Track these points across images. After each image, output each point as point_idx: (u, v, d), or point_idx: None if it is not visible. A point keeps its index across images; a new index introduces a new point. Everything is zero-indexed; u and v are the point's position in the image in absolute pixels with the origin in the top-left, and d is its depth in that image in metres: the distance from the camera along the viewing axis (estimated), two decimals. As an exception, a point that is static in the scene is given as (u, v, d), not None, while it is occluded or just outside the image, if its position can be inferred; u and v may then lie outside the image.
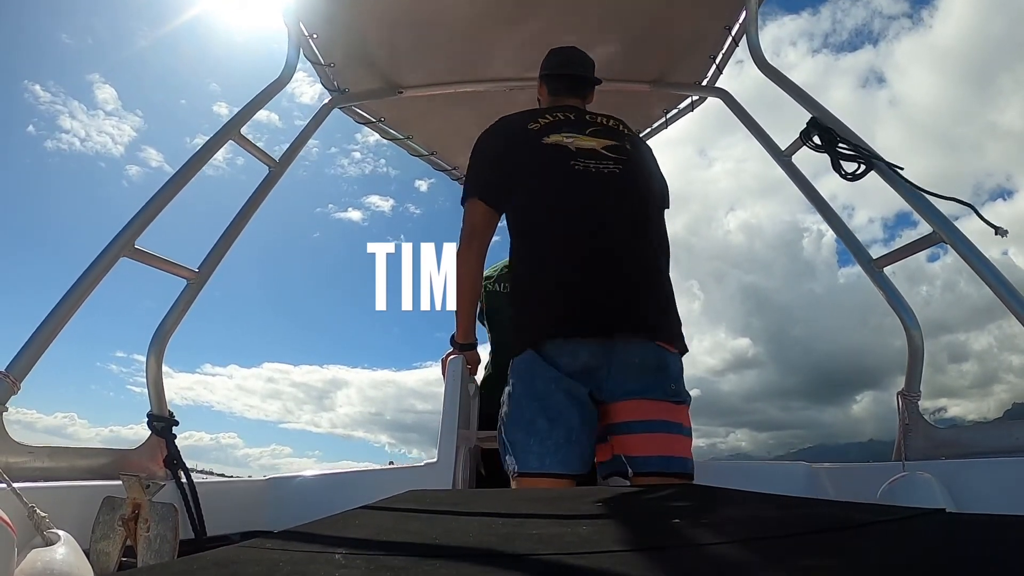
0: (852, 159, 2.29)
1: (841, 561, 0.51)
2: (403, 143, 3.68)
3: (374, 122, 3.42)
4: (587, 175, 1.94)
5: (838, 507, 1.02)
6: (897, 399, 2.28)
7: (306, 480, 2.68)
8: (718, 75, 3.05)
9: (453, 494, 1.15)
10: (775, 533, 0.62)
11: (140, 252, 2.13)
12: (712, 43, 2.91)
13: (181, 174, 2.31)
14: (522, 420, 1.78)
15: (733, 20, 2.76)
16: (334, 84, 3.08)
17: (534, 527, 0.71)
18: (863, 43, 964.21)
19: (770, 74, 2.63)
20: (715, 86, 3.09)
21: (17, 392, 1.84)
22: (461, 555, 0.53)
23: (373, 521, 0.76)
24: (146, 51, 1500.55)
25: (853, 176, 2.30)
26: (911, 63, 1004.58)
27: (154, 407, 2.27)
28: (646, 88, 3.16)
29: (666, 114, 3.50)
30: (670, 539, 0.61)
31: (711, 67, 3.03)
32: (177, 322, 2.32)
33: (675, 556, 0.54)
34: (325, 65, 2.95)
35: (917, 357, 2.23)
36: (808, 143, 2.43)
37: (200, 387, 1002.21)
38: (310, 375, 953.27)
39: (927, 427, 2.20)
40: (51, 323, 1.93)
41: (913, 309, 2.24)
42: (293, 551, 0.57)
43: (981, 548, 0.53)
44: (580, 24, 2.79)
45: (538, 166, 1.99)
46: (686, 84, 3.18)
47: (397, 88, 3.14)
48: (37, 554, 1.47)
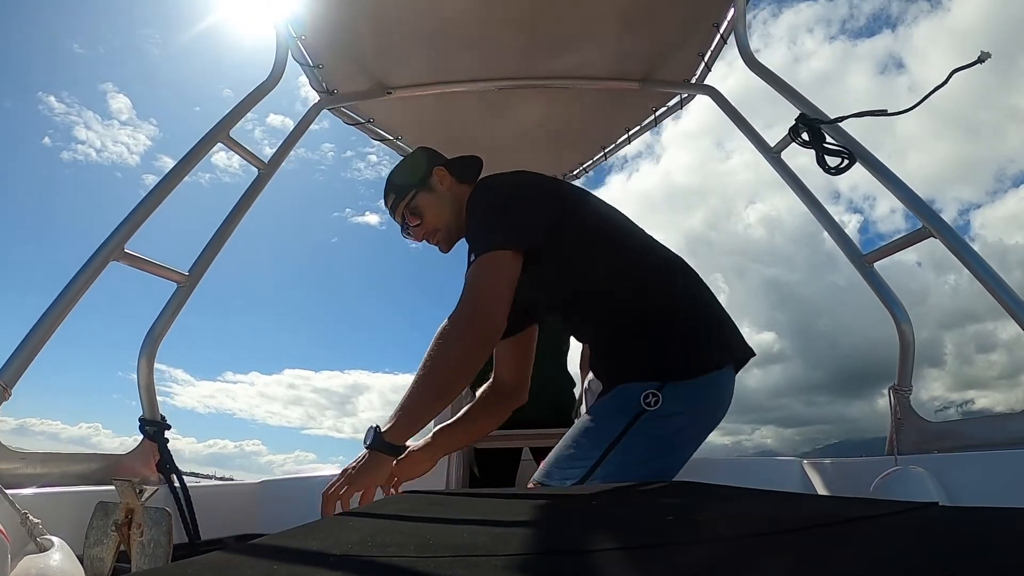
0: (838, 155, 2.31)
1: (834, 556, 0.51)
2: (392, 144, 3.67)
3: (363, 123, 3.42)
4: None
5: (831, 502, 1.03)
6: (889, 394, 2.30)
7: (299, 482, 2.68)
8: (707, 73, 3.06)
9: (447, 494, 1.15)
10: (767, 529, 0.63)
11: (130, 256, 2.13)
12: (700, 41, 2.91)
13: (170, 177, 2.31)
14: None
15: (721, 17, 2.77)
16: (323, 85, 3.07)
17: (529, 526, 0.72)
18: (881, 28, 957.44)
19: (758, 71, 2.64)
20: (704, 83, 3.10)
21: (8, 398, 1.83)
22: (455, 555, 0.53)
23: (367, 522, 0.77)
24: (158, 58, 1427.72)
25: (836, 170, 2.32)
26: (930, 47, 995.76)
27: (146, 411, 2.26)
28: (635, 86, 3.16)
29: (655, 112, 3.50)
30: (663, 537, 0.61)
31: (700, 65, 3.03)
32: (168, 325, 2.32)
33: (668, 554, 0.54)
34: (314, 66, 2.94)
35: (908, 351, 2.25)
36: (796, 139, 2.44)
37: (222, 395, 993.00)
38: (331, 380, 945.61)
39: (919, 421, 2.22)
40: (41, 328, 1.92)
41: (904, 304, 2.26)
42: (287, 553, 0.57)
43: (973, 541, 0.54)
44: (568, 22, 2.79)
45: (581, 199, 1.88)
46: (675, 82, 3.18)
47: (386, 89, 3.13)
48: (30, 560, 1.46)
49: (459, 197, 1.93)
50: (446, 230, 1.95)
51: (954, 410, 75.30)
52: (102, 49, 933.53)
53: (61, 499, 1.86)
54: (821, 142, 2.34)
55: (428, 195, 1.96)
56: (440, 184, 1.96)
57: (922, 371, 2.28)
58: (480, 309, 1.58)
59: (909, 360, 2.26)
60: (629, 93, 3.26)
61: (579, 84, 3.16)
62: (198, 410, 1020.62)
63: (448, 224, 1.95)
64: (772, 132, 2.66)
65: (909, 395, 2.26)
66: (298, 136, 2.94)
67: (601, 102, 3.43)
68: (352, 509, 0.90)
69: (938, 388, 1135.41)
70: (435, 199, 1.95)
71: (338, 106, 3.20)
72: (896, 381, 2.28)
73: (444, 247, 1.99)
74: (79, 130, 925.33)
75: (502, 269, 1.60)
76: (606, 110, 3.53)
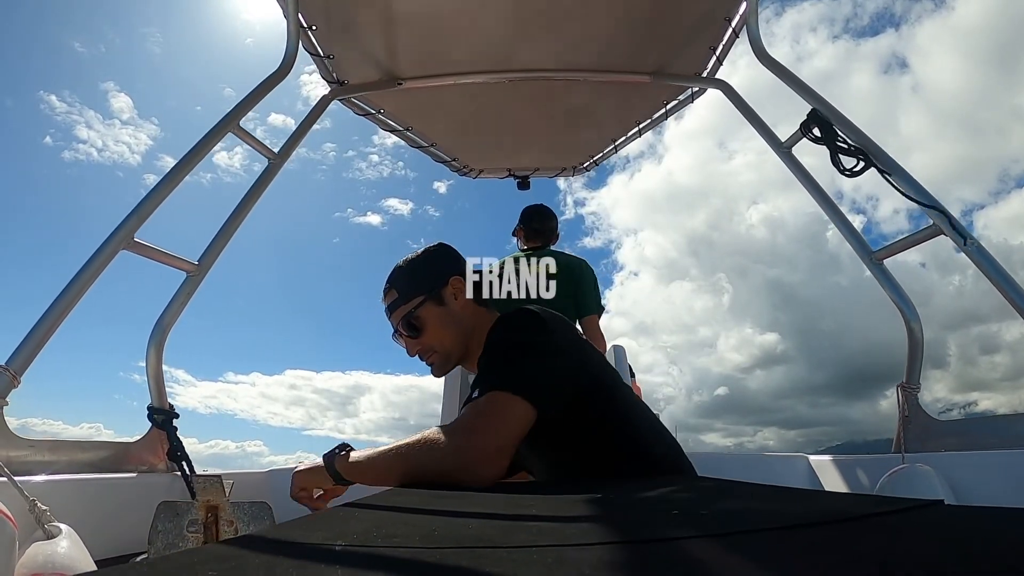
0: (851, 153, 2.29)
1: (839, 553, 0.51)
2: (402, 134, 3.67)
3: (373, 113, 3.42)
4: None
5: (837, 499, 1.03)
6: (897, 391, 2.29)
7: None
8: (718, 66, 3.04)
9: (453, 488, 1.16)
10: (773, 525, 0.62)
11: (139, 245, 2.13)
12: (712, 34, 2.90)
13: (180, 167, 2.31)
14: None
15: (733, 11, 2.75)
16: (333, 76, 3.07)
17: (534, 519, 0.72)
18: (884, 27, 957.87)
19: (770, 66, 2.63)
20: (715, 77, 3.08)
21: (17, 386, 1.85)
22: (461, 546, 0.53)
23: (373, 514, 0.77)
24: (160, 57, 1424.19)
25: (851, 172, 2.31)
26: (934, 46, 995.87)
27: (154, 400, 2.28)
28: (646, 79, 3.14)
29: (666, 105, 3.49)
30: (669, 531, 0.61)
31: (711, 58, 3.02)
32: (177, 315, 2.33)
33: (673, 548, 0.54)
34: (324, 57, 2.94)
35: (917, 350, 2.24)
36: (808, 135, 2.43)
37: (223, 395, 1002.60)
38: (332, 381, 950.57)
39: (927, 419, 2.21)
40: (51, 317, 1.93)
41: (913, 301, 2.25)
42: (293, 543, 0.57)
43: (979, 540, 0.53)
44: (580, 15, 2.78)
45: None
46: (686, 75, 3.17)
47: (396, 80, 3.13)
48: (38, 547, 1.47)
49: (471, 323, 1.63)
50: (444, 355, 1.64)
51: (957, 412, 74.72)
52: (103, 48, 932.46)
53: (69, 487, 1.87)
54: (833, 139, 2.33)
55: (436, 308, 1.62)
56: (453, 299, 1.63)
57: (925, 372, 2.26)
58: (487, 455, 1.25)
59: (918, 358, 2.25)
60: (640, 86, 3.25)
61: (590, 77, 3.15)
62: (199, 411, 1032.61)
63: (448, 351, 1.63)
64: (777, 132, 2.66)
65: (917, 393, 2.25)
66: (308, 126, 2.94)
67: (612, 95, 3.42)
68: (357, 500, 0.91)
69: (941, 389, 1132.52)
70: (443, 315, 1.62)
71: (348, 97, 3.20)
72: (904, 379, 2.27)
73: (436, 371, 1.67)
74: (80, 129, 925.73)
75: (506, 418, 1.29)
76: (617, 103, 3.52)
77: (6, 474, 1.57)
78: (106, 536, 1.80)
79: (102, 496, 1.97)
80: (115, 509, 1.96)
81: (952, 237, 2.06)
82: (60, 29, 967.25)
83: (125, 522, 1.88)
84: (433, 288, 1.61)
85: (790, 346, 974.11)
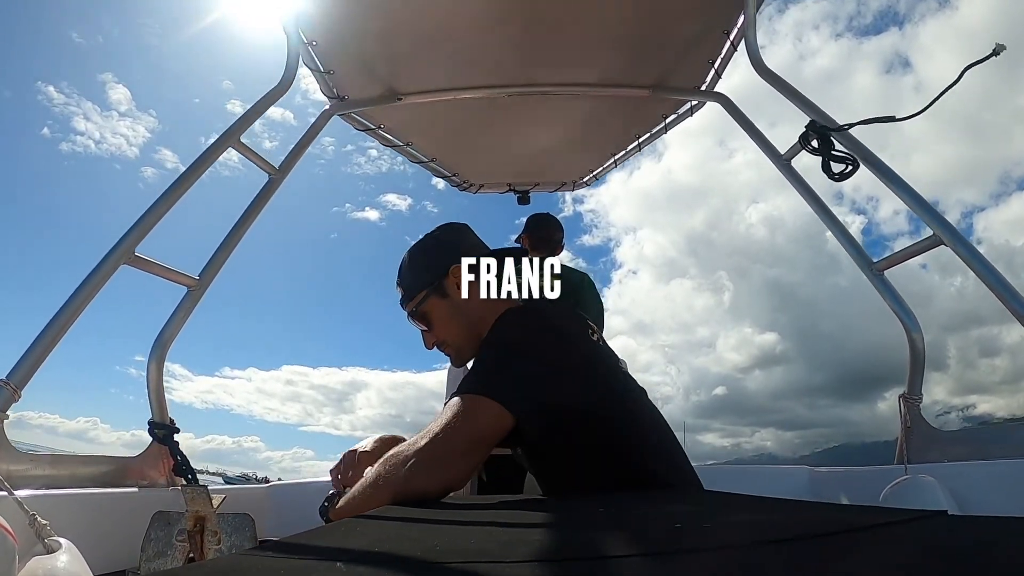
0: (843, 161, 2.30)
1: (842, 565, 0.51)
2: (402, 150, 3.68)
3: (373, 129, 3.43)
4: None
5: (840, 510, 1.02)
6: (899, 402, 2.29)
7: (307, 487, 2.68)
8: (717, 80, 3.05)
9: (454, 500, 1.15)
10: (776, 537, 0.62)
11: (140, 260, 2.14)
12: (711, 48, 2.91)
13: (180, 182, 2.32)
14: None
15: (731, 25, 2.76)
16: (333, 91, 3.09)
17: (536, 533, 0.71)
18: (888, 26, 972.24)
19: (769, 78, 2.64)
20: (714, 91, 3.09)
21: (18, 400, 1.84)
22: (462, 561, 0.53)
23: (374, 529, 0.76)
24: (158, 49, 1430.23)
25: (840, 176, 2.31)
26: (937, 46, 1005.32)
27: (155, 414, 2.27)
28: (645, 93, 3.15)
29: (665, 119, 3.51)
30: (672, 544, 0.61)
31: (710, 72, 3.03)
32: (178, 329, 2.33)
33: (677, 561, 0.54)
34: (324, 72, 2.96)
35: (918, 360, 2.24)
36: (807, 147, 2.43)
37: (220, 390, 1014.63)
38: (329, 377, 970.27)
39: (929, 429, 2.20)
40: (51, 331, 1.93)
41: (914, 311, 2.25)
42: (294, 560, 0.57)
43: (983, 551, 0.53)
44: (579, 30, 2.79)
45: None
46: (685, 89, 3.18)
47: (396, 95, 3.14)
48: (38, 562, 1.46)
49: (478, 313, 1.55)
50: (456, 348, 1.61)
51: (955, 414, 73.35)
52: (101, 39, 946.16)
53: (70, 501, 1.86)
54: (830, 149, 2.34)
55: (440, 301, 1.58)
56: (455, 289, 1.56)
57: (925, 375, 2.26)
58: (449, 458, 1.22)
59: (919, 369, 2.24)
60: (639, 100, 3.26)
61: (589, 91, 3.17)
62: (195, 405, 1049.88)
63: (459, 344, 1.60)
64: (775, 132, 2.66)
65: (919, 404, 2.24)
66: (309, 141, 2.95)
67: (611, 109, 3.43)
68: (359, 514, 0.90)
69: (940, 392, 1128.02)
70: (446, 308, 1.58)
71: (348, 112, 3.21)
72: (906, 389, 2.26)
73: (454, 363, 1.65)
74: (78, 121, 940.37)
75: (479, 423, 1.24)
76: (616, 117, 3.54)
77: (6, 488, 1.56)
78: (106, 550, 1.79)
79: (102, 510, 1.97)
80: (115, 524, 1.95)
81: (952, 247, 2.06)
82: (58, 19, 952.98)
83: (125, 537, 1.87)
84: (434, 281, 1.57)
85: (789, 347, 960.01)
